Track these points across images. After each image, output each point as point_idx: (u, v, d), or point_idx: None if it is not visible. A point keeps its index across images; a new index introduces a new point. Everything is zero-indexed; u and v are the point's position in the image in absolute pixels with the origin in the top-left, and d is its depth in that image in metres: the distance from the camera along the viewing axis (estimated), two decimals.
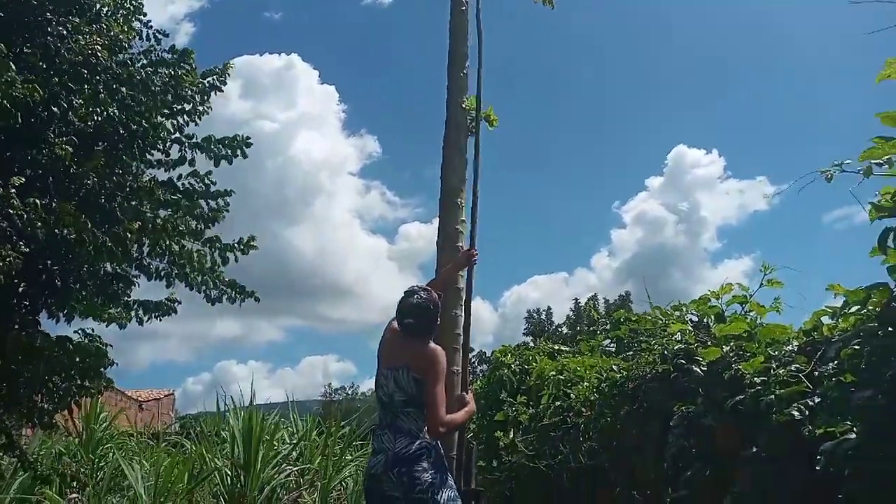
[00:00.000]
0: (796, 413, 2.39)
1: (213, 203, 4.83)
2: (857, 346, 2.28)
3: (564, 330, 32.34)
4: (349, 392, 44.52)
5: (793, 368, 2.60)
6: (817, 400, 2.42)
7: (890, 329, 2.19)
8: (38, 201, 3.73)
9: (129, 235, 4.03)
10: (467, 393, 4.12)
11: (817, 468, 2.19)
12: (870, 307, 2.32)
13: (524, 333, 36.12)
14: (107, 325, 5.42)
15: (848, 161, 2.31)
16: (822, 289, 2.86)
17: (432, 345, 3.71)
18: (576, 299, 36.77)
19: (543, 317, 37.02)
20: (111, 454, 8.66)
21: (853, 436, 2.13)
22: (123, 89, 4.28)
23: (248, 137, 4.79)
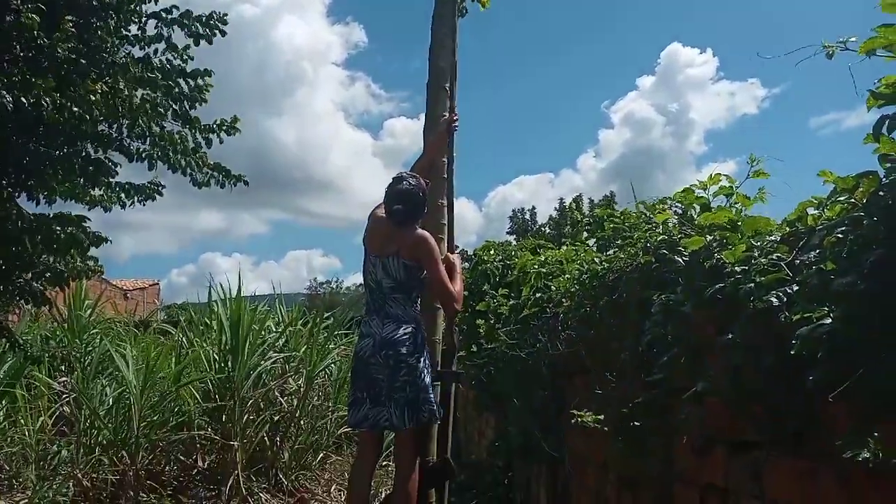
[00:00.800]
0: (774, 300, 2.43)
1: (192, 82, 4.66)
2: (840, 235, 2.29)
3: (548, 230, 32.58)
4: (334, 286, 45.15)
5: (774, 257, 2.63)
6: (797, 288, 2.45)
7: (875, 218, 2.20)
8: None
9: (93, 99, 3.87)
10: (452, 254, 4.20)
11: (791, 352, 2.25)
12: (857, 196, 2.31)
13: (508, 233, 36.42)
14: (90, 209, 5.36)
15: (853, 38, 2.23)
16: (806, 187, 2.87)
17: (420, 230, 3.74)
18: (560, 199, 36.86)
19: (528, 216, 37.20)
20: (98, 339, 8.80)
21: (828, 321, 2.16)
22: None
23: (224, 14, 4.57)
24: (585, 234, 5.63)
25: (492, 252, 7.44)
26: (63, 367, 8.51)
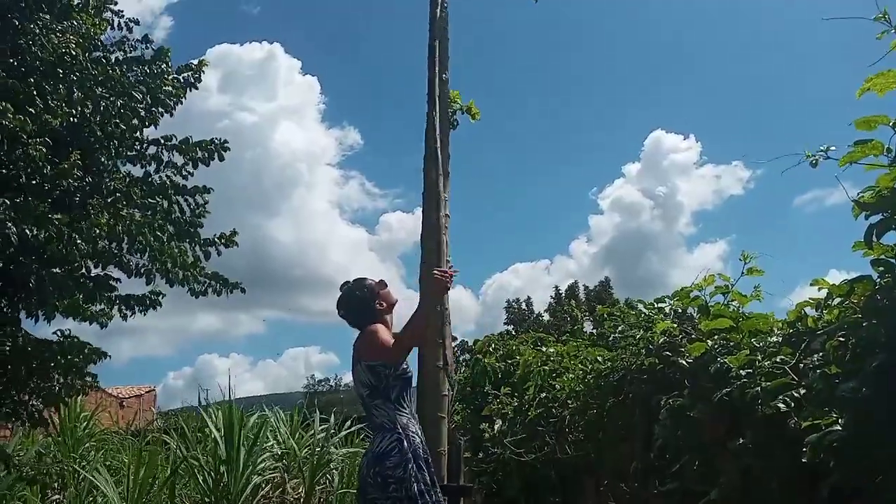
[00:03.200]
0: (782, 405, 2.42)
1: (191, 200, 4.78)
2: (842, 338, 2.31)
3: (546, 318, 32.50)
4: (332, 384, 44.44)
5: (778, 360, 2.63)
6: (803, 392, 2.44)
7: (874, 321, 2.22)
8: (6, 200, 3.67)
9: (98, 231, 3.97)
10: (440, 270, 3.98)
11: (803, 460, 2.22)
12: (853, 299, 2.34)
13: (505, 323, 36.26)
14: (89, 324, 5.37)
15: (833, 147, 2.34)
16: (797, 269, 2.92)
17: (370, 326, 3.72)
18: (556, 287, 36.99)
19: (524, 306, 37.17)
20: (91, 454, 8.57)
21: (838, 427, 2.15)
22: (98, 89, 4.21)
23: (225, 141, 4.76)
24: (589, 340, 5.60)
25: (489, 356, 7.38)
26: (56, 485, 8.24)
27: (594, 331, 5.10)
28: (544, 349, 5.91)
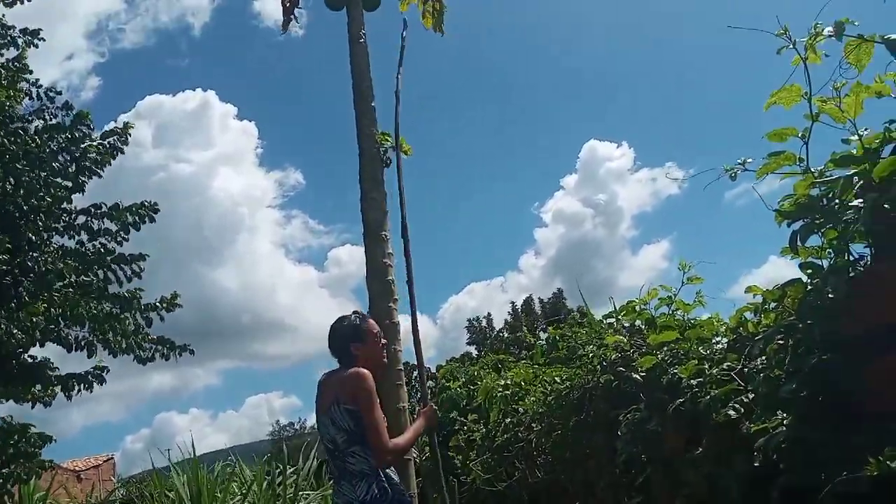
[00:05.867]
0: (732, 412, 2.47)
1: (126, 269, 4.65)
2: (780, 341, 2.38)
3: (506, 334, 32.61)
4: (297, 427, 43.53)
5: (724, 367, 2.69)
6: (752, 396, 2.50)
7: (809, 322, 2.29)
8: None
9: (34, 319, 3.83)
10: (425, 406, 3.96)
11: (755, 464, 2.27)
12: (787, 302, 2.42)
13: (467, 343, 36.24)
14: (32, 406, 5.15)
15: (750, 160, 2.43)
16: (733, 262, 3.00)
17: (356, 368, 3.57)
18: (512, 303, 37.26)
19: (484, 324, 37.26)
20: None
21: (783, 429, 2.20)
22: (17, 164, 4.07)
23: (154, 203, 4.66)
24: (541, 361, 5.63)
25: (453, 382, 7.37)
26: None
27: (552, 353, 5.14)
28: (502, 374, 5.92)
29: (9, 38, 4.99)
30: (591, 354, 3.81)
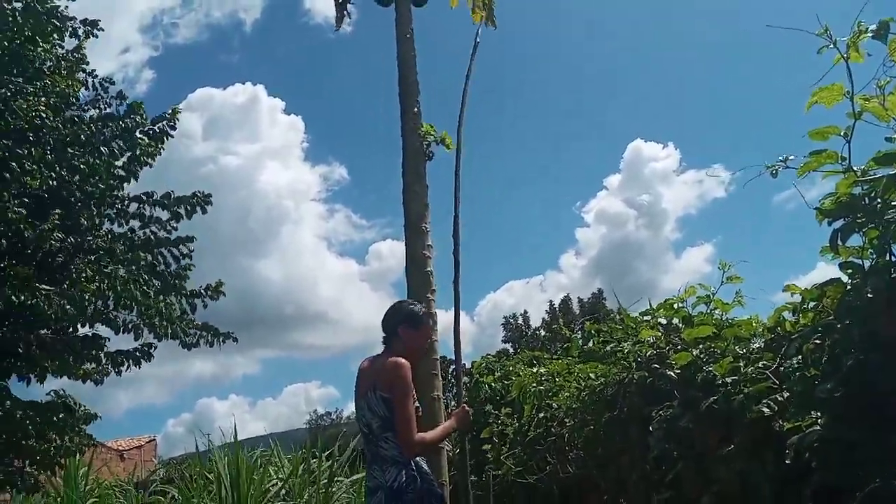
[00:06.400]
0: (766, 409, 2.47)
1: (175, 251, 4.81)
2: (818, 341, 2.36)
3: (542, 333, 32.49)
4: (334, 417, 44.10)
5: (760, 366, 2.68)
6: (786, 395, 2.49)
7: (848, 322, 2.28)
8: None
9: (86, 296, 4.00)
10: (458, 407, 4.03)
11: (787, 462, 2.26)
12: (825, 302, 2.40)
13: (503, 340, 36.19)
14: (83, 382, 5.36)
15: (792, 157, 2.41)
16: (779, 268, 2.98)
17: (395, 357, 3.63)
18: (550, 301, 37.10)
19: (521, 321, 37.17)
20: None
21: (817, 427, 2.20)
22: (70, 150, 4.25)
23: (208, 194, 4.80)
24: (575, 348, 5.64)
25: (487, 377, 7.41)
26: None
27: (586, 346, 5.14)
28: (536, 369, 5.93)
29: (69, 28, 5.20)
30: (626, 351, 3.81)
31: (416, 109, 4.66)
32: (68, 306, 3.89)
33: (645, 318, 3.85)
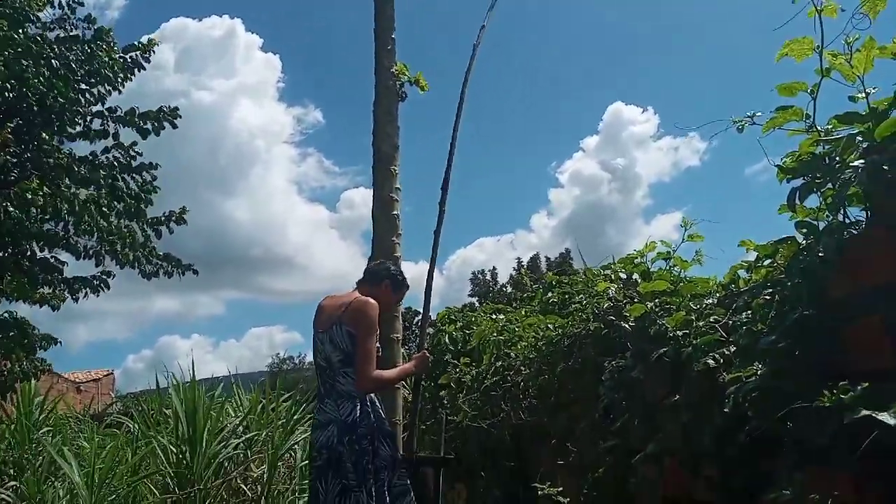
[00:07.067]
0: (711, 361, 2.53)
1: (138, 178, 4.69)
2: (767, 297, 2.42)
3: (509, 289, 32.82)
4: (297, 362, 44.27)
5: (711, 320, 2.74)
6: (733, 349, 2.55)
7: (798, 280, 2.33)
8: None
9: (30, 196, 3.83)
10: (419, 352, 4.08)
11: (725, 410, 2.34)
12: (779, 260, 2.45)
13: (469, 295, 36.53)
14: (40, 307, 5.28)
15: (759, 113, 2.42)
16: (752, 237, 3.03)
17: (364, 296, 3.67)
18: (518, 259, 37.43)
19: (489, 277, 37.49)
20: (48, 439, 8.44)
21: (754, 378, 2.26)
22: (22, 61, 4.06)
23: (176, 108, 4.64)
24: (536, 298, 5.72)
25: (449, 326, 7.47)
26: (13, 471, 8.12)
27: (545, 297, 5.20)
28: (495, 316, 6.01)
29: None
30: (584, 303, 3.86)
31: (389, 47, 4.55)
32: (11, 209, 3.76)
33: (605, 271, 3.89)
